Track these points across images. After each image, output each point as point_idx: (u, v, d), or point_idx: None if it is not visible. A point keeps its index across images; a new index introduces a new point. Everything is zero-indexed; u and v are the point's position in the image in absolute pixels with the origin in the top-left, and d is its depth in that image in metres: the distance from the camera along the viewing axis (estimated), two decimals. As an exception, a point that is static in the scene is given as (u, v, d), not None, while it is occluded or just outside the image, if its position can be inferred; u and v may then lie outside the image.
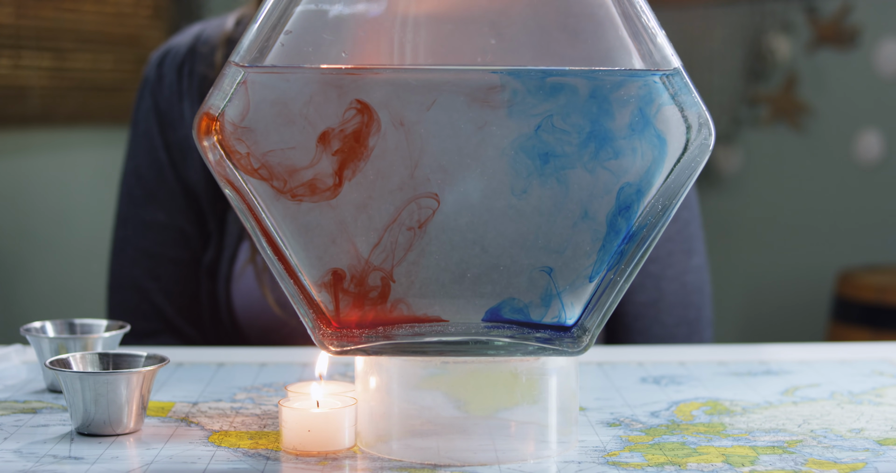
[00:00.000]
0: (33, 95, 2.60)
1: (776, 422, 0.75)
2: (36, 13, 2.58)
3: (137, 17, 2.81)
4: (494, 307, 0.66)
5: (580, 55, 0.64)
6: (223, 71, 0.64)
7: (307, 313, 0.67)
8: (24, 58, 2.57)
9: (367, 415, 0.69)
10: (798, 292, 2.94)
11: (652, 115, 0.63)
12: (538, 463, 0.67)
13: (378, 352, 0.67)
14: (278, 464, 0.66)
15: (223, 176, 0.65)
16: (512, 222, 0.64)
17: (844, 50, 2.88)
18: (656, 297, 1.11)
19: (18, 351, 0.90)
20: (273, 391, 0.83)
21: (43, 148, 2.65)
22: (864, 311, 2.51)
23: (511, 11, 0.64)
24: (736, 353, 0.96)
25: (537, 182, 0.64)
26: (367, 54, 0.64)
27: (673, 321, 1.12)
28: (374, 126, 0.63)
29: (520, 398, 0.68)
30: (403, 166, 0.63)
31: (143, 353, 0.74)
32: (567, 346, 0.67)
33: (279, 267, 0.66)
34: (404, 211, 0.64)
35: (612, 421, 0.75)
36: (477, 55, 0.64)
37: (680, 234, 1.12)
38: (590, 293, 0.66)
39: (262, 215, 0.65)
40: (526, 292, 0.66)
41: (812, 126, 2.94)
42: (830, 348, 0.99)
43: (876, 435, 0.72)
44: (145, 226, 1.14)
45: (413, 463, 0.66)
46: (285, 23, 0.64)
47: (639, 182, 0.64)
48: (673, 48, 0.65)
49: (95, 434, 0.71)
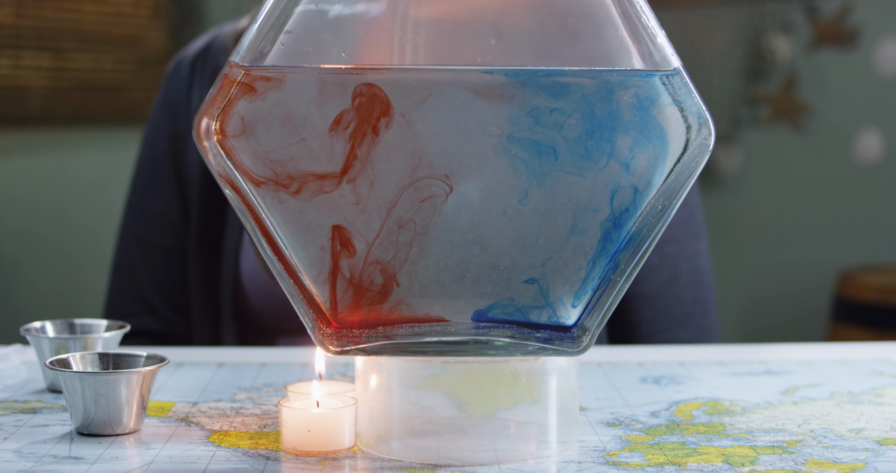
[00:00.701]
0: (33, 95, 2.60)
1: (776, 422, 0.75)
2: (36, 13, 2.58)
3: (137, 17, 2.81)
4: (494, 307, 0.66)
5: (580, 55, 0.64)
6: (223, 71, 0.64)
7: (307, 313, 0.67)
8: (24, 58, 2.58)
9: (367, 415, 0.69)
10: (798, 292, 2.94)
11: (652, 115, 0.63)
12: (538, 463, 0.67)
13: (378, 352, 0.67)
14: (278, 464, 0.66)
15: (223, 176, 0.65)
16: (512, 222, 0.64)
17: (844, 50, 2.88)
18: (674, 276, 1.15)
19: (18, 351, 0.90)
20: (273, 391, 0.83)
21: (43, 148, 2.66)
22: (864, 311, 2.51)
23: (511, 12, 0.64)
24: (736, 353, 0.96)
25: (537, 182, 0.64)
26: (367, 54, 0.64)
27: (690, 299, 1.16)
28: (374, 126, 0.63)
29: (520, 398, 0.68)
30: (403, 167, 0.63)
31: (143, 353, 0.74)
32: (567, 346, 0.67)
33: (279, 267, 0.66)
34: (403, 211, 0.64)
35: (612, 421, 0.75)
36: (477, 55, 0.64)
37: (691, 218, 1.17)
38: (590, 293, 0.66)
39: (262, 215, 0.65)
40: (526, 293, 0.66)
41: (812, 126, 2.94)
42: (830, 348, 0.99)
43: (876, 435, 0.72)
44: (142, 213, 1.20)
45: (413, 463, 0.66)
46: (285, 23, 0.64)
47: (639, 182, 0.64)
48: (673, 48, 0.65)
49: (95, 434, 0.71)
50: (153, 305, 1.19)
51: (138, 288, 1.19)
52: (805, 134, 2.95)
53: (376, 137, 0.63)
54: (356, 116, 0.63)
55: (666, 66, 0.64)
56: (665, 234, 1.13)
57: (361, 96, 0.63)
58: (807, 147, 2.95)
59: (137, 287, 1.19)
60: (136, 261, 1.20)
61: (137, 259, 1.20)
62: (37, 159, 2.64)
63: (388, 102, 0.63)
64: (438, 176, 0.63)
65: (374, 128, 0.63)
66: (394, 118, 0.63)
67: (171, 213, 1.19)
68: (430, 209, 0.64)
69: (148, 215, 1.20)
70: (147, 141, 1.22)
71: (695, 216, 1.17)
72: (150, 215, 1.20)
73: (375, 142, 0.63)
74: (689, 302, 1.16)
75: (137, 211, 1.20)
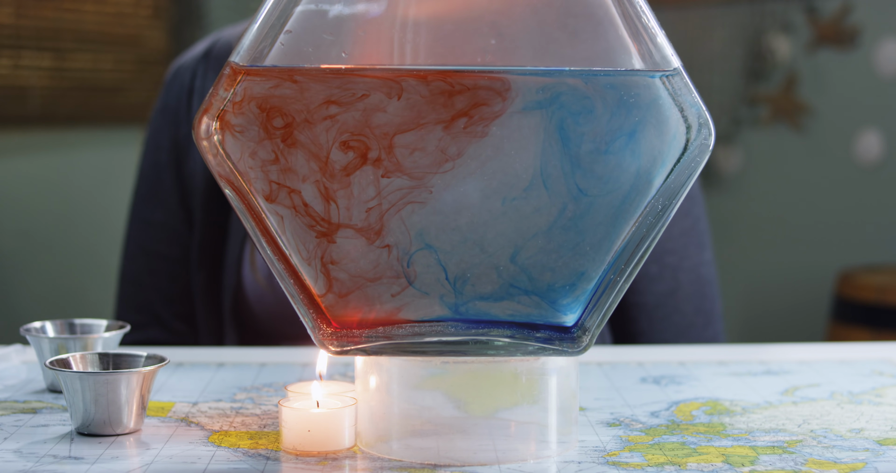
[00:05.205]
0: (33, 95, 2.60)
1: (776, 422, 0.75)
2: (36, 13, 2.58)
3: (137, 17, 2.81)
4: (494, 307, 0.66)
5: (580, 55, 0.64)
6: (223, 71, 0.64)
7: (307, 313, 0.67)
8: (24, 58, 2.57)
9: (367, 415, 0.69)
10: (798, 293, 2.94)
11: (651, 115, 0.63)
12: (538, 463, 0.67)
13: (378, 352, 0.67)
14: (278, 464, 0.66)
15: (223, 176, 0.65)
16: (512, 222, 0.64)
17: (844, 50, 2.88)
18: (674, 287, 1.15)
19: (18, 351, 0.90)
20: (273, 391, 0.83)
21: (43, 148, 2.65)
22: (864, 311, 2.51)
23: (511, 12, 0.64)
24: (736, 353, 0.96)
25: (537, 182, 0.64)
26: (368, 54, 0.64)
27: (691, 310, 1.16)
28: (373, 127, 0.63)
29: (520, 398, 0.68)
30: (402, 166, 0.63)
31: (143, 353, 0.74)
32: (567, 346, 0.67)
33: (279, 267, 0.66)
34: (403, 210, 0.64)
35: (612, 421, 0.75)
36: (477, 55, 0.64)
37: (693, 229, 1.17)
38: (590, 293, 0.66)
39: (262, 215, 0.65)
40: (526, 293, 0.66)
41: (812, 126, 2.94)
42: (830, 348, 0.99)
43: (876, 435, 0.72)
44: (145, 224, 1.20)
45: (413, 463, 0.66)
46: (285, 23, 0.64)
47: (639, 182, 0.64)
48: (673, 48, 0.65)
49: (95, 434, 0.71)
50: (161, 316, 1.19)
51: (146, 300, 1.19)
52: (805, 134, 2.95)
53: (376, 137, 0.63)
54: (354, 120, 0.63)
55: (666, 66, 0.64)
56: (666, 244, 1.13)
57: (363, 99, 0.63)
58: (807, 147, 2.95)
59: (145, 299, 1.19)
60: (142, 272, 1.19)
61: (143, 271, 1.19)
62: (37, 159, 2.64)
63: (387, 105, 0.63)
64: (438, 175, 0.63)
65: (374, 129, 0.63)
66: (392, 119, 0.63)
67: (175, 222, 1.19)
68: (429, 209, 0.64)
69: (151, 226, 1.19)
70: (148, 150, 1.21)
71: (698, 227, 1.17)
72: (153, 225, 1.19)
73: (376, 143, 0.63)
74: (690, 313, 1.16)
75: (141, 222, 1.20)
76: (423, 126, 0.63)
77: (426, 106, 0.63)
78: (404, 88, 0.62)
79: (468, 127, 0.63)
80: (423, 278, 0.65)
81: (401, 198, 0.64)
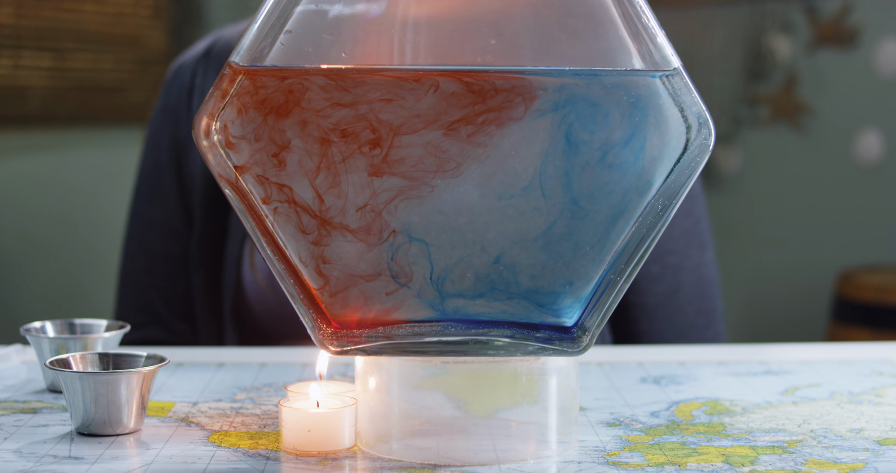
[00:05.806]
0: (33, 95, 2.60)
1: (776, 422, 0.75)
2: (36, 13, 2.58)
3: (137, 17, 2.81)
4: (494, 307, 0.66)
5: (580, 55, 0.64)
6: (223, 71, 0.64)
7: (307, 313, 0.67)
8: (24, 58, 2.57)
9: (367, 415, 0.69)
10: (798, 293, 2.94)
11: (651, 115, 0.63)
12: (538, 463, 0.67)
13: (378, 352, 0.67)
14: (278, 464, 0.66)
15: (223, 176, 0.65)
16: (512, 222, 0.64)
17: (844, 50, 2.88)
18: (675, 287, 1.15)
19: (18, 351, 0.90)
20: (273, 391, 0.83)
21: (43, 148, 2.65)
22: (863, 311, 2.51)
23: (511, 11, 0.64)
24: (736, 353, 0.96)
25: (537, 182, 0.64)
26: (368, 54, 0.64)
27: (692, 311, 1.16)
28: (373, 128, 0.63)
29: (520, 398, 0.68)
30: (402, 166, 0.63)
31: (143, 353, 0.74)
32: (567, 346, 0.67)
33: (279, 267, 0.66)
34: (403, 210, 0.64)
35: (612, 421, 0.75)
36: (477, 55, 0.64)
37: (695, 228, 1.17)
38: (590, 293, 0.66)
39: (262, 215, 0.65)
40: (526, 293, 0.66)
41: (812, 126, 2.94)
42: (830, 348, 0.99)
43: (876, 435, 0.72)
44: (145, 223, 1.19)
45: (413, 463, 0.66)
46: (285, 23, 0.64)
47: (639, 182, 0.64)
48: (673, 48, 0.65)
49: (95, 434, 0.71)
50: (161, 315, 1.19)
51: (146, 299, 1.19)
52: (805, 134, 2.95)
53: (376, 137, 0.63)
54: (354, 119, 0.63)
55: (666, 66, 0.64)
56: (667, 244, 1.13)
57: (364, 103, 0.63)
58: (807, 147, 2.95)
59: (145, 299, 1.19)
60: (142, 272, 1.19)
61: (143, 270, 1.19)
62: (37, 159, 2.64)
63: (386, 104, 0.63)
64: (437, 175, 0.63)
65: (374, 129, 0.63)
66: (392, 119, 0.63)
67: (175, 221, 1.18)
68: (429, 209, 0.64)
69: (151, 225, 1.19)
70: (148, 149, 1.21)
71: (699, 226, 1.17)
72: (153, 224, 1.19)
73: (375, 143, 0.63)
74: (691, 314, 1.16)
75: (141, 221, 1.20)
76: (427, 127, 0.63)
77: (428, 107, 0.63)
78: (404, 88, 0.63)
79: (473, 134, 0.63)
80: (423, 277, 0.65)
81: (398, 196, 0.64)
